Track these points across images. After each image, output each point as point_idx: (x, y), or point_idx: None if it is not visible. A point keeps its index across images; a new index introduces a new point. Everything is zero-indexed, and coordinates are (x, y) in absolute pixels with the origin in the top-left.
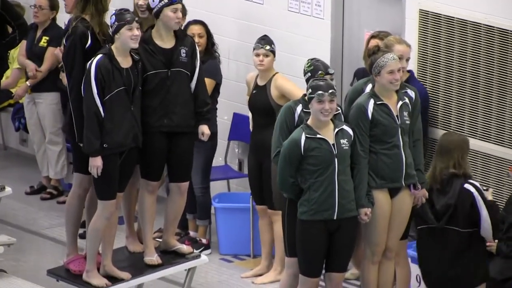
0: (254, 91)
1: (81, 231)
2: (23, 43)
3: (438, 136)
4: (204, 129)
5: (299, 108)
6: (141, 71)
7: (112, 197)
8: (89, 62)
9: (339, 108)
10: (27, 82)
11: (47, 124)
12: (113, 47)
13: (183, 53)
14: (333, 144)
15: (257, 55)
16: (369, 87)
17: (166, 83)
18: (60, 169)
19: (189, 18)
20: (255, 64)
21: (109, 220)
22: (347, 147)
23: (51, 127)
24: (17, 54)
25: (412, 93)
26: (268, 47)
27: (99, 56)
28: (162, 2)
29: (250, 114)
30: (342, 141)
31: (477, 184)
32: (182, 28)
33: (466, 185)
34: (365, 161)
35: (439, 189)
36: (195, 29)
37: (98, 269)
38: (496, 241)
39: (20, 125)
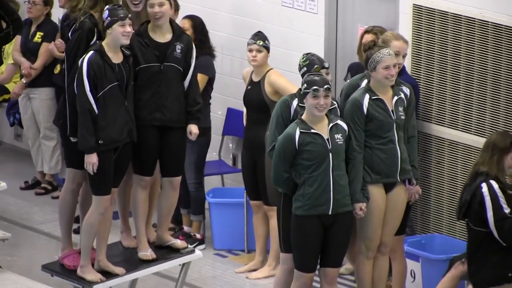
0: (249, 87)
1: (75, 226)
2: (18, 38)
3: (431, 130)
4: (193, 128)
5: (295, 102)
6: (133, 66)
7: (107, 192)
8: (81, 59)
9: (334, 103)
10: (23, 80)
11: (42, 119)
12: (104, 43)
13: (178, 49)
14: (328, 139)
15: (250, 50)
16: (364, 83)
17: (158, 77)
18: (54, 164)
19: (184, 12)
20: (248, 59)
21: (103, 215)
22: (341, 142)
23: (46, 122)
24: (12, 50)
25: (407, 90)
26: (261, 43)
27: (90, 52)
28: None
29: (244, 109)
30: (336, 136)
31: (495, 185)
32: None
33: (483, 184)
34: (360, 156)
35: (467, 184)
36: (182, 23)
37: (93, 264)
38: None
39: (14, 120)
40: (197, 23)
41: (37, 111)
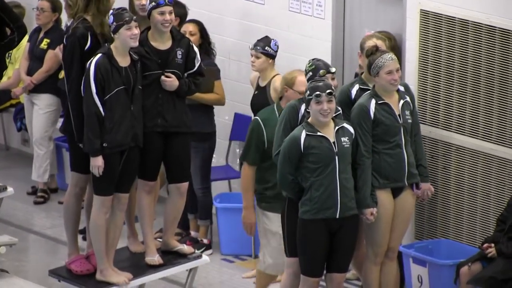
0: (255, 92)
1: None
2: (27, 45)
3: (438, 135)
4: (169, 78)
5: (303, 107)
6: (141, 70)
7: (109, 193)
8: (89, 61)
9: (340, 109)
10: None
11: (37, 125)
12: (112, 46)
13: (179, 54)
14: (334, 142)
15: (251, 55)
16: (355, 89)
17: (160, 83)
18: (42, 173)
19: (190, 17)
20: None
21: (107, 214)
22: (348, 145)
23: (39, 129)
24: (21, 57)
25: (401, 88)
26: (258, 49)
27: (98, 55)
28: (151, 4)
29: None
30: (342, 139)
31: None
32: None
33: None
34: (369, 161)
35: None
36: (186, 27)
37: (95, 271)
38: (493, 244)
39: (21, 125)
40: (202, 26)
41: (36, 116)
